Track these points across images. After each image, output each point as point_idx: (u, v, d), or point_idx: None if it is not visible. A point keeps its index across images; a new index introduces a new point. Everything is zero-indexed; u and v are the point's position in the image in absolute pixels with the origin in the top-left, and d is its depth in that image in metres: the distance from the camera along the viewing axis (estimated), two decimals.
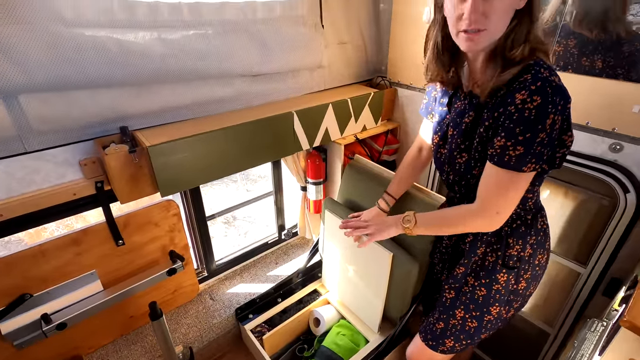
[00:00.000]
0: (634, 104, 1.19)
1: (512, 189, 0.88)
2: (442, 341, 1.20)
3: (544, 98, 0.77)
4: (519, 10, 0.82)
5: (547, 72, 0.80)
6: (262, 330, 1.73)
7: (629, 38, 1.16)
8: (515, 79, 0.83)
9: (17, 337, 1.31)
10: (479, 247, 1.10)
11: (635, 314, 0.73)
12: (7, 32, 0.96)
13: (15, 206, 1.15)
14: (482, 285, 1.11)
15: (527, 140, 0.80)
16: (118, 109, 1.24)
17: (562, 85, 0.81)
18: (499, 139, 0.84)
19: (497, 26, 0.83)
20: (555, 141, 0.84)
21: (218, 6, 1.30)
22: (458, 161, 1.03)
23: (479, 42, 0.85)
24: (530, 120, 0.79)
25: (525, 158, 0.82)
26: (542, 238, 1.09)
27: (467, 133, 0.98)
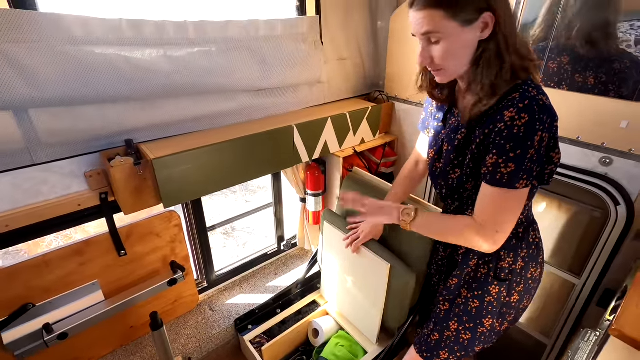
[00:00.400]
0: (622, 119, 1.24)
1: (508, 207, 0.89)
2: (436, 353, 1.21)
3: (531, 116, 0.80)
4: (484, 40, 0.84)
5: (535, 91, 0.83)
6: (261, 341, 1.73)
7: (618, 55, 1.21)
8: (504, 98, 0.86)
9: (19, 347, 1.31)
10: (471, 259, 1.12)
11: (623, 323, 0.76)
12: (20, 50, 1.00)
13: (22, 217, 1.18)
14: (475, 297, 1.13)
15: (518, 157, 0.82)
16: (124, 123, 1.28)
17: (550, 104, 0.84)
18: (491, 156, 0.86)
19: (452, 64, 0.88)
20: (543, 158, 0.86)
21: (222, 25, 1.36)
22: (451, 176, 1.06)
23: (444, 77, 0.91)
24: (520, 137, 0.81)
25: (518, 175, 0.84)
26: (535, 252, 1.11)
27: (459, 149, 1.00)
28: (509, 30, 0.84)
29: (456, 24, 0.81)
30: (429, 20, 0.82)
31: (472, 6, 0.80)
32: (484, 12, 0.81)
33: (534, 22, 1.37)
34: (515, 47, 0.86)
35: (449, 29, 0.82)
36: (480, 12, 0.81)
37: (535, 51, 1.39)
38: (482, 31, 0.83)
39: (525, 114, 0.80)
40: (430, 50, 0.87)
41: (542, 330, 1.73)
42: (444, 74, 0.91)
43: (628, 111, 1.22)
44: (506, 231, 0.92)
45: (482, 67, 0.85)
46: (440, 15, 0.81)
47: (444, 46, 0.85)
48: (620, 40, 1.20)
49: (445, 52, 0.85)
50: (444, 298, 1.21)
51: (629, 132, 1.24)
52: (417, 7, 0.84)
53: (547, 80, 1.37)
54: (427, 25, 0.83)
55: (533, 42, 1.39)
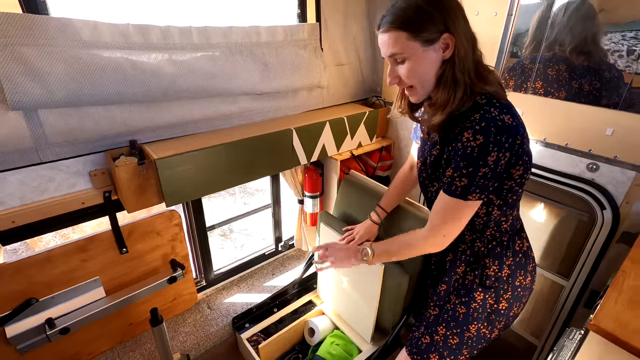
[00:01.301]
0: (607, 127, 1.29)
1: (457, 216, 0.97)
2: (426, 356, 1.23)
3: (486, 138, 0.85)
4: (447, 59, 0.90)
5: (497, 111, 0.88)
6: (258, 340, 1.77)
7: (604, 66, 1.27)
8: (466, 118, 0.91)
9: (21, 341, 1.34)
10: (458, 265, 1.16)
11: (601, 318, 0.81)
12: (31, 53, 1.05)
13: (28, 213, 1.22)
14: (462, 304, 1.17)
15: (470, 174, 0.89)
16: (128, 124, 1.33)
17: (513, 123, 0.88)
18: (449, 170, 0.93)
19: (418, 82, 0.94)
20: (501, 175, 0.91)
21: (225, 30, 1.41)
22: (430, 189, 1.12)
23: (415, 96, 0.98)
24: (473, 157, 0.87)
25: (470, 189, 0.91)
26: (522, 259, 1.14)
27: (435, 165, 1.07)
28: (465, 52, 0.89)
29: (418, 44, 0.89)
30: (394, 42, 0.90)
31: (432, 27, 0.87)
32: (443, 33, 0.88)
33: (526, 34, 1.43)
34: (474, 68, 0.91)
35: (411, 49, 0.89)
36: (441, 33, 0.88)
37: (525, 62, 1.45)
38: (444, 51, 0.90)
39: (481, 136, 0.86)
40: (397, 70, 0.95)
41: (532, 332, 1.77)
42: (414, 92, 0.98)
43: (613, 119, 1.27)
44: (453, 235, 1.02)
45: (442, 84, 0.92)
46: (403, 37, 0.88)
47: (408, 65, 0.92)
48: (611, 51, 1.25)
49: (410, 70, 0.92)
50: (434, 303, 1.25)
51: (614, 140, 1.29)
52: (383, 29, 0.92)
53: (539, 89, 1.43)
54: (392, 47, 0.91)
55: (524, 54, 1.45)
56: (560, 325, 1.60)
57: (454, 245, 1.16)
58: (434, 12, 0.87)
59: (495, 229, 1.09)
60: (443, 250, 1.19)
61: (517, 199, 1.04)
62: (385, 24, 0.90)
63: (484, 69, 0.95)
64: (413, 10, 0.87)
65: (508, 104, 0.93)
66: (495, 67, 1.52)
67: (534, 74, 1.43)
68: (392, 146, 2.09)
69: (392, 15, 0.89)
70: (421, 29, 0.87)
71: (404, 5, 0.88)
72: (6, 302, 1.29)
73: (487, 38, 1.51)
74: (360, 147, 1.92)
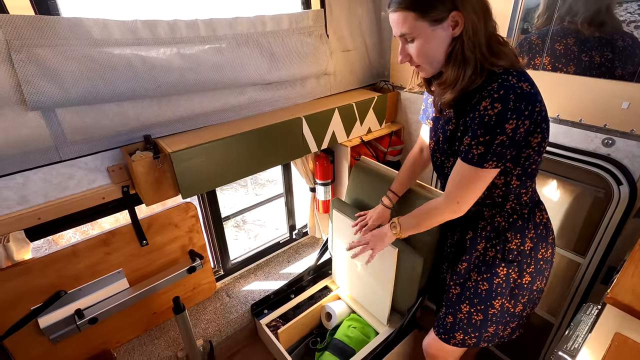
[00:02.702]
0: (623, 100, 1.26)
1: (473, 183, 0.98)
2: (452, 334, 1.27)
3: (504, 105, 0.85)
4: (456, 37, 0.90)
5: (515, 79, 0.87)
6: (277, 325, 1.82)
7: (620, 36, 1.23)
8: (483, 88, 0.90)
9: (53, 332, 1.42)
10: (479, 242, 1.17)
11: (617, 291, 0.81)
12: (46, 54, 1.08)
13: (52, 210, 1.26)
14: (484, 280, 1.17)
15: (487, 142, 0.89)
16: (142, 119, 1.35)
17: (531, 90, 0.87)
18: (467, 137, 0.94)
19: (428, 61, 0.95)
20: (521, 142, 0.91)
21: (231, 21, 1.41)
22: (447, 165, 1.12)
23: (425, 73, 0.99)
24: (490, 125, 0.87)
25: (486, 156, 0.91)
26: (543, 231, 1.14)
27: (451, 139, 1.06)
28: (475, 28, 0.88)
29: (426, 24, 0.89)
30: (403, 22, 0.90)
31: (440, 6, 0.87)
32: (452, 11, 0.87)
33: (536, 9, 1.39)
34: (486, 43, 0.90)
35: (420, 29, 0.89)
36: (449, 12, 0.87)
37: (533, 37, 1.41)
38: (453, 29, 0.89)
39: (499, 104, 0.85)
40: (407, 48, 0.96)
41: (548, 310, 1.77)
42: (423, 69, 1.00)
43: (628, 92, 1.24)
44: (468, 203, 1.03)
45: (452, 62, 0.92)
46: (412, 17, 0.88)
47: (418, 45, 0.93)
48: (627, 21, 1.21)
49: (419, 49, 0.93)
50: (454, 282, 1.26)
51: (630, 113, 1.26)
52: (392, 9, 0.92)
53: (551, 64, 1.40)
54: (402, 27, 0.91)
55: (535, 29, 1.41)
56: (577, 303, 1.60)
57: (473, 223, 1.17)
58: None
59: (515, 202, 1.09)
60: (462, 229, 1.21)
61: (536, 168, 1.03)
62: (395, 4, 0.90)
63: (498, 42, 0.93)
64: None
65: (525, 71, 0.92)
66: None
67: (545, 50, 1.40)
68: (402, 131, 2.08)
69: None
70: (429, 9, 0.87)
71: None
72: (37, 295, 1.36)
73: (497, 14, 1.48)
74: (370, 132, 1.92)
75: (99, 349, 1.62)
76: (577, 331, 1.09)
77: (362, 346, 1.65)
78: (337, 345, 1.71)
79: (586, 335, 1.03)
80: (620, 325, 0.80)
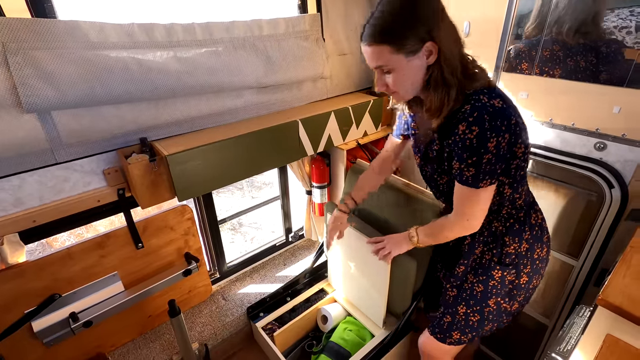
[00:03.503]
0: (614, 105, 1.29)
1: (475, 202, 1.00)
2: (449, 334, 1.28)
3: (481, 126, 0.88)
4: (431, 65, 0.92)
5: (486, 98, 0.90)
6: (272, 328, 1.82)
7: (608, 43, 1.25)
8: (457, 110, 0.93)
9: (47, 335, 1.41)
10: (476, 247, 1.19)
11: (609, 292, 0.82)
12: (42, 56, 1.08)
13: (48, 212, 1.26)
14: (479, 282, 1.20)
15: (475, 163, 0.92)
16: (138, 122, 1.36)
17: (503, 105, 0.90)
18: (455, 162, 0.97)
19: (405, 89, 0.96)
20: (505, 156, 0.93)
21: (227, 25, 1.42)
22: (440, 182, 1.14)
23: (399, 99, 1.01)
24: (473, 147, 0.90)
25: (479, 176, 0.93)
26: (538, 232, 1.16)
27: (439, 159, 1.09)
28: (450, 53, 0.90)
29: (402, 56, 0.90)
30: (378, 55, 0.91)
31: (414, 37, 0.87)
32: (426, 41, 0.88)
33: (529, 15, 1.41)
34: (460, 67, 0.93)
35: (396, 61, 0.90)
36: (423, 42, 0.88)
37: (528, 43, 1.44)
38: (427, 58, 0.91)
39: (475, 126, 0.88)
40: (384, 78, 0.97)
41: (543, 312, 1.78)
42: (399, 96, 1.01)
43: (620, 97, 1.26)
44: (478, 219, 1.05)
45: (431, 88, 0.94)
46: (387, 50, 0.89)
47: (395, 76, 0.94)
48: (619, 27, 1.23)
49: (396, 80, 0.95)
50: (451, 284, 1.28)
51: (622, 118, 1.28)
52: (366, 43, 0.92)
53: (542, 67, 1.42)
54: (377, 60, 0.92)
55: (528, 35, 1.43)
56: (571, 305, 1.62)
57: None
58: (414, 22, 0.86)
59: (510, 207, 1.11)
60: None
61: (524, 174, 1.06)
62: (369, 38, 0.91)
63: (472, 66, 0.96)
64: (393, 20, 0.87)
65: (495, 88, 0.94)
66: (499, 49, 1.51)
67: (538, 55, 1.42)
68: None
69: (372, 27, 0.90)
70: (403, 42, 0.88)
71: (384, 15, 0.88)
72: (32, 298, 1.35)
73: (490, 20, 1.50)
74: (366, 135, 1.93)
75: (94, 353, 1.61)
76: (570, 333, 1.10)
77: (358, 349, 1.65)
78: (333, 348, 1.71)
79: (579, 336, 1.04)
80: (612, 326, 0.82)
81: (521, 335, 1.89)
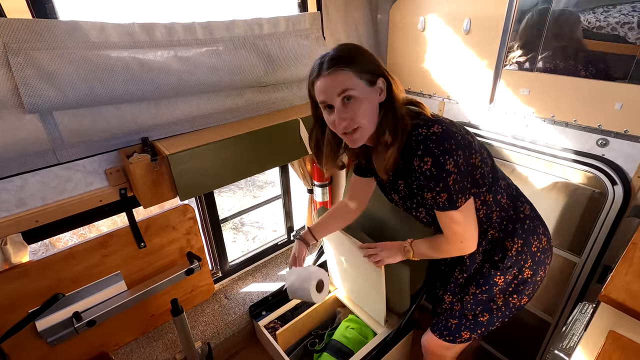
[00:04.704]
0: (616, 101, 1.28)
1: (460, 222, 1.01)
2: (458, 334, 1.28)
3: (432, 155, 0.90)
4: (382, 102, 0.95)
5: (425, 129, 0.91)
6: (275, 326, 1.82)
7: (610, 39, 1.25)
8: (404, 148, 0.95)
9: (51, 334, 1.41)
10: (477, 256, 1.19)
11: (611, 289, 0.82)
12: (43, 57, 1.08)
13: (50, 212, 1.27)
14: (483, 293, 1.20)
15: (444, 188, 0.93)
16: (139, 122, 1.36)
17: (443, 128, 0.91)
18: (426, 193, 0.97)
19: (368, 121, 0.95)
20: (468, 169, 0.95)
21: (228, 24, 1.42)
22: (420, 215, 1.14)
23: (360, 138, 0.97)
24: (435, 175, 0.91)
25: (453, 198, 0.95)
26: (530, 225, 1.15)
27: (410, 196, 1.10)
28: (399, 93, 0.96)
29: (363, 84, 0.91)
30: (343, 79, 0.90)
31: (370, 69, 0.92)
32: (379, 77, 0.93)
33: (529, 11, 1.41)
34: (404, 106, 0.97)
35: (360, 87, 0.91)
36: (377, 77, 0.93)
37: (529, 39, 1.43)
38: (379, 94, 0.94)
39: (427, 157, 0.90)
40: (347, 110, 0.92)
41: (545, 309, 1.78)
42: (361, 132, 0.95)
43: (622, 93, 1.26)
44: (471, 238, 1.06)
45: (384, 127, 0.95)
46: (350, 74, 0.90)
47: (359, 103, 0.91)
48: (621, 23, 1.22)
49: (361, 108, 0.92)
50: (454, 296, 1.28)
51: (624, 114, 1.28)
52: (328, 71, 0.91)
53: (544, 64, 1.41)
54: (343, 84, 0.90)
55: (528, 32, 1.42)
56: (574, 302, 1.61)
57: None
58: (367, 57, 0.93)
59: (499, 210, 1.12)
60: None
61: (494, 175, 1.07)
62: (330, 66, 0.90)
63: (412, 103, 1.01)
64: (350, 53, 0.92)
65: (430, 117, 0.97)
66: (500, 45, 1.51)
67: (539, 52, 1.41)
68: None
69: (332, 59, 0.91)
70: (363, 68, 0.91)
71: (340, 50, 0.93)
72: (35, 298, 1.36)
73: (491, 16, 1.50)
74: None
75: (97, 352, 1.62)
76: (573, 330, 1.10)
77: (361, 347, 1.65)
78: (335, 346, 1.71)
79: (581, 333, 1.04)
80: (615, 323, 0.81)
81: (524, 332, 1.89)
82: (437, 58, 1.76)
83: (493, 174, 1.08)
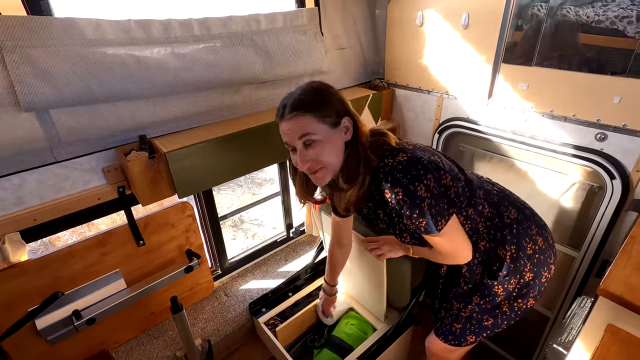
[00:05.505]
0: (615, 95, 1.28)
1: (449, 241, 1.03)
2: (463, 338, 1.28)
3: (401, 185, 0.90)
4: (348, 141, 0.97)
5: (391, 160, 0.93)
6: (275, 323, 1.82)
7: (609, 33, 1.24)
8: (373, 181, 0.97)
9: (51, 333, 1.41)
10: (476, 269, 1.19)
11: (609, 283, 0.82)
12: (39, 54, 1.07)
13: (48, 211, 1.26)
14: (487, 303, 1.20)
15: (421, 214, 0.92)
16: (137, 119, 1.35)
17: (408, 155, 0.92)
18: (406, 220, 0.96)
19: (332, 161, 0.96)
20: (441, 190, 0.94)
21: (225, 20, 1.41)
22: (406, 239, 1.14)
23: (324, 177, 0.98)
24: (409, 204, 0.91)
25: (432, 222, 0.94)
26: (519, 228, 1.12)
27: (391, 224, 1.11)
28: (364, 130, 0.98)
29: (326, 127, 0.92)
30: (303, 124, 0.92)
31: (333, 110, 0.93)
32: (343, 115, 0.95)
33: (528, 6, 1.40)
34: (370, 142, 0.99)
35: (322, 131, 0.92)
36: (341, 117, 0.95)
37: (528, 34, 1.42)
38: (345, 133, 0.95)
39: (397, 188, 0.91)
40: (308, 153, 0.94)
41: (544, 304, 1.79)
42: (325, 171, 0.97)
43: (620, 87, 1.26)
44: (463, 253, 1.08)
45: (350, 164, 0.96)
46: (311, 119, 0.91)
47: (321, 146, 0.94)
48: (620, 17, 1.21)
49: (324, 150, 0.94)
50: (459, 305, 1.27)
51: (622, 108, 1.28)
52: (289, 116, 0.93)
53: (542, 58, 1.41)
54: (303, 129, 0.92)
55: (527, 26, 1.42)
56: (572, 296, 1.62)
57: None
58: (331, 97, 0.94)
59: (483, 221, 1.11)
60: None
61: (470, 188, 1.07)
62: (291, 110, 0.92)
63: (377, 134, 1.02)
64: (313, 97, 0.93)
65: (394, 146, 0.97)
66: (499, 42, 1.50)
67: (537, 46, 1.41)
68: (398, 128, 2.09)
69: (294, 102, 0.92)
70: (326, 111, 0.92)
71: (304, 93, 0.94)
72: (34, 297, 1.36)
73: (489, 11, 1.49)
74: None
75: (97, 350, 1.62)
76: (572, 324, 1.10)
77: (360, 343, 1.66)
78: (335, 342, 1.72)
79: (580, 327, 1.04)
80: (613, 316, 0.82)
81: (523, 327, 1.89)
82: (436, 53, 1.75)
83: (469, 187, 1.07)
